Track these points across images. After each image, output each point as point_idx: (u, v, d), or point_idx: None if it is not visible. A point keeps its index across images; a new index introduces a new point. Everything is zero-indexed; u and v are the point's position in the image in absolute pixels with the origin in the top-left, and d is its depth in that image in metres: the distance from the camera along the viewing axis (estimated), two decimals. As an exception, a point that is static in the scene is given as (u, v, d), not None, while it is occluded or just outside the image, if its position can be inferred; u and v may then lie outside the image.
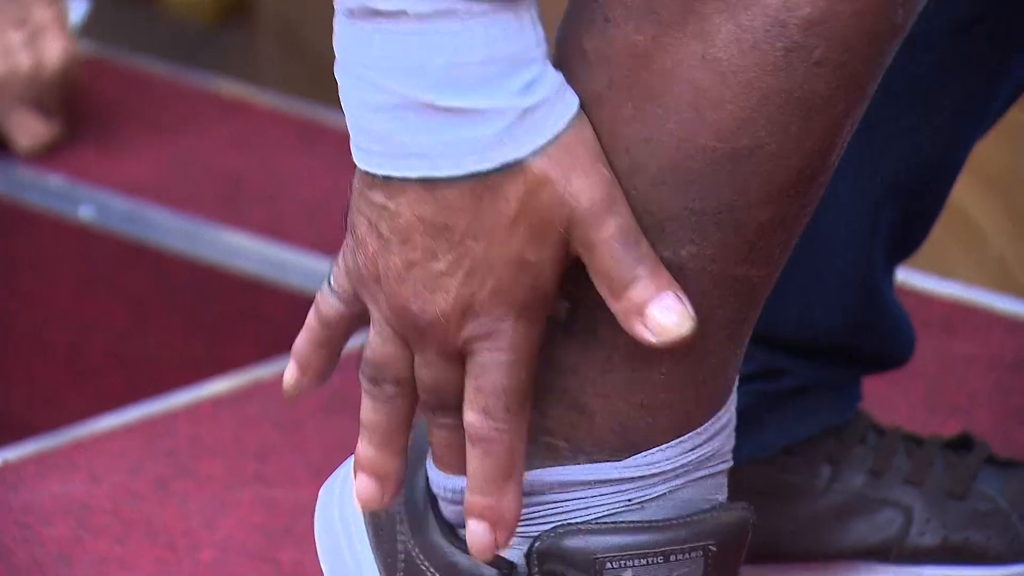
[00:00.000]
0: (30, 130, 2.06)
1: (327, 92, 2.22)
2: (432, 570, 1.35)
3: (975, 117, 1.59)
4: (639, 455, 1.31)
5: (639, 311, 1.27)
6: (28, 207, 2.08)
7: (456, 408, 1.27)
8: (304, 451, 1.71)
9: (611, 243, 1.27)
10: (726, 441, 1.33)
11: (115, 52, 2.35)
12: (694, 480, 1.33)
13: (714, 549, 1.30)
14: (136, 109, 2.18)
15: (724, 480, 1.34)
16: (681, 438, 1.31)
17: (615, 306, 1.28)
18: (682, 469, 1.32)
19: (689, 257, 1.26)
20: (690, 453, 1.32)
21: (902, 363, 1.58)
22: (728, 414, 1.33)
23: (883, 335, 1.57)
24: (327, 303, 1.30)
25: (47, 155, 2.11)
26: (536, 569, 1.30)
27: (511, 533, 1.29)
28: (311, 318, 1.32)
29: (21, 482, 1.67)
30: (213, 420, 1.74)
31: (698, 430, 1.31)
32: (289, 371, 1.32)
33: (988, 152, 2.05)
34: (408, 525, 1.36)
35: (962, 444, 1.54)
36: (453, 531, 1.36)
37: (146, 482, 1.66)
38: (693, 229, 1.25)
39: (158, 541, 1.59)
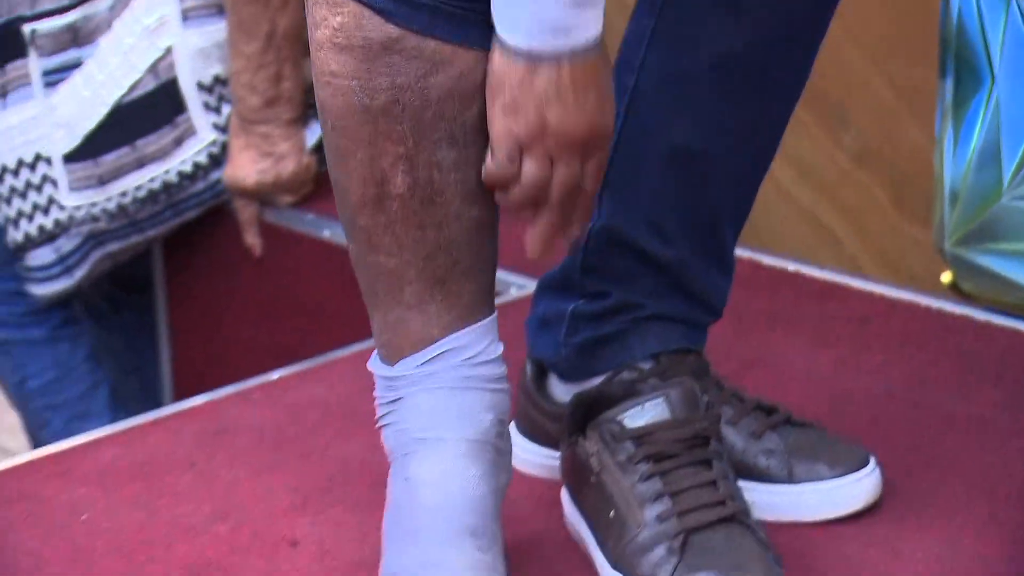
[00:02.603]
0: (283, 201, 2.03)
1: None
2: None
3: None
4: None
5: None
6: (291, 231, 2.03)
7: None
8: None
9: None
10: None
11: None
12: (442, 388, 1.22)
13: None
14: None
15: (491, 401, 1.23)
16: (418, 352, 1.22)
17: None
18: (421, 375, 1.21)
19: None
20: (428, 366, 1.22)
21: (716, 315, 1.40)
22: (468, 338, 1.21)
23: (696, 290, 1.38)
24: (507, 169, 1.17)
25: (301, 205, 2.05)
26: None
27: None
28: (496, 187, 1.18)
29: (290, 388, 1.63)
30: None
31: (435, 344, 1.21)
32: (531, 237, 1.20)
33: (843, 186, 2.03)
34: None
35: (771, 409, 1.40)
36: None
37: (361, 387, 1.60)
38: None
39: (368, 421, 1.54)
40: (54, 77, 1.97)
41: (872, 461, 1.40)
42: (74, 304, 2.13)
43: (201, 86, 1.97)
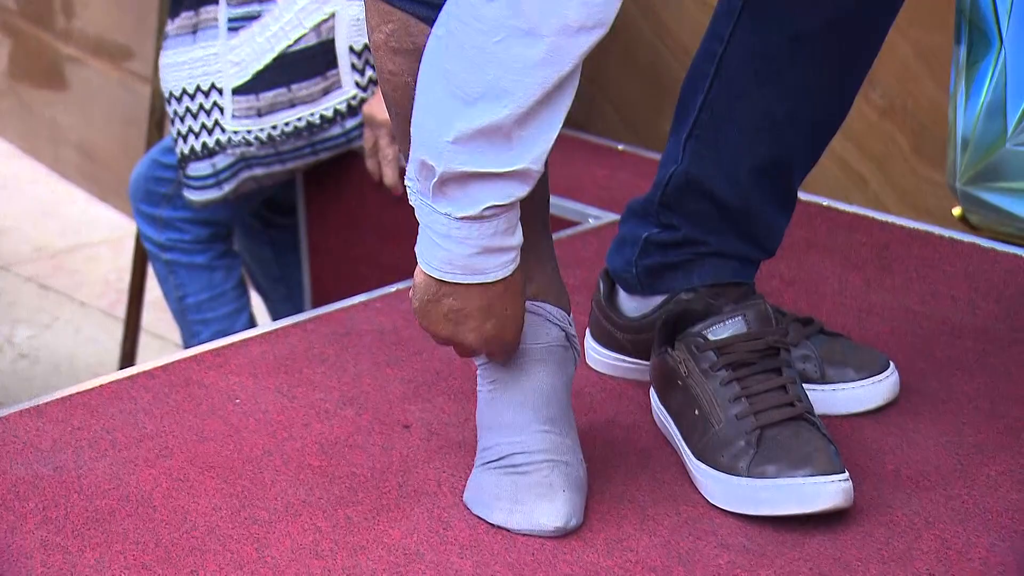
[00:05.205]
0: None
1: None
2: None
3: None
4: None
5: None
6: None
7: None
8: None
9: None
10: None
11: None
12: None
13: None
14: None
15: (554, 317, 1.23)
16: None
17: None
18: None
19: None
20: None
21: (769, 254, 1.37)
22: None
23: (755, 233, 1.35)
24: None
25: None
26: None
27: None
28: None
29: (406, 298, 1.59)
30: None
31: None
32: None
33: (870, 135, 2.01)
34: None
35: (808, 321, 1.39)
36: None
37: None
38: None
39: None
40: (236, 23, 1.99)
41: (891, 365, 1.39)
42: (231, 240, 2.18)
43: (352, 49, 1.98)
